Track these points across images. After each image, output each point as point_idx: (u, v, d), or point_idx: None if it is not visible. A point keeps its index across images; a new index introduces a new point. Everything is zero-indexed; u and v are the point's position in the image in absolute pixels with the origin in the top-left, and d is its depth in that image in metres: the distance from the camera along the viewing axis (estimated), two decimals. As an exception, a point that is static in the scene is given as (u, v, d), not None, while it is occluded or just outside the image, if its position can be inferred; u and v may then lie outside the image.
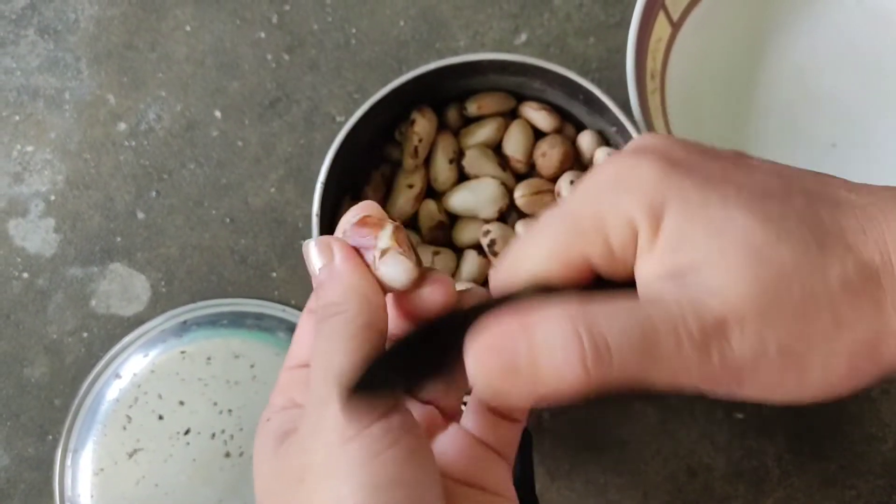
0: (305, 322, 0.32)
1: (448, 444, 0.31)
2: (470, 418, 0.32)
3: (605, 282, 0.27)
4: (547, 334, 0.24)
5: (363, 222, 0.30)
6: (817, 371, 0.25)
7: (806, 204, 0.26)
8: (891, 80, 0.56)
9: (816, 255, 0.25)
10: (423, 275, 0.30)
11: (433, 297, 0.29)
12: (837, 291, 0.25)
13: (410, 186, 0.54)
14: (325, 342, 0.28)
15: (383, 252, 0.29)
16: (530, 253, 0.27)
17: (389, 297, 0.31)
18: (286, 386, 0.31)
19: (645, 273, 0.26)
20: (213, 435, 0.53)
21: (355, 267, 0.29)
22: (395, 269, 0.29)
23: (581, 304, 0.24)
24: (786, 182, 0.27)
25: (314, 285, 0.29)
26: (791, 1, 0.57)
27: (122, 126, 0.62)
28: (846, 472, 0.55)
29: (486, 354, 0.24)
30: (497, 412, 0.31)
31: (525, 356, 0.24)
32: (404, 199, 0.53)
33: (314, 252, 0.29)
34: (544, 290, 0.26)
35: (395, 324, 0.31)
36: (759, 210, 0.25)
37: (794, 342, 0.25)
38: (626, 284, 0.27)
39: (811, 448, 0.55)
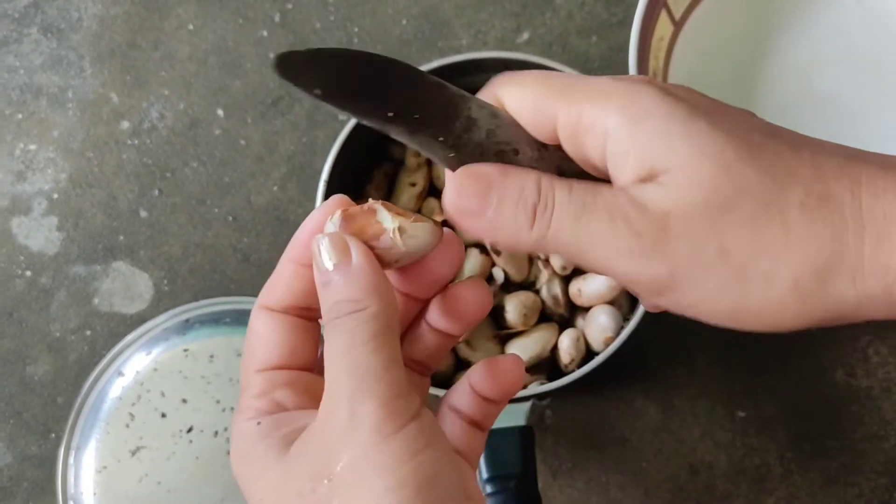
0: (262, 320, 0.30)
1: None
2: (444, 424, 0.31)
3: (552, 148, 0.29)
4: (515, 182, 0.27)
5: (348, 216, 0.29)
6: (759, 282, 0.25)
7: (791, 145, 0.27)
8: (891, 80, 0.56)
9: (783, 178, 0.25)
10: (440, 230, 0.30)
11: (447, 258, 0.30)
12: (793, 211, 0.25)
13: (413, 185, 0.54)
14: (345, 339, 0.27)
15: (400, 229, 0.28)
16: (517, 87, 0.29)
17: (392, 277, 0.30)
18: (265, 388, 0.30)
19: (618, 172, 0.27)
20: (216, 433, 0.53)
21: (375, 265, 0.28)
22: (423, 234, 0.29)
23: (544, 176, 0.27)
24: (782, 131, 0.28)
25: (319, 282, 0.28)
26: (792, 1, 0.57)
27: (125, 124, 0.62)
28: (848, 470, 0.55)
29: (463, 190, 0.28)
30: (472, 421, 0.31)
31: (483, 203, 0.28)
32: (407, 197, 0.53)
33: (326, 248, 0.28)
34: (507, 119, 0.29)
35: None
36: (742, 136, 0.26)
37: (738, 247, 0.25)
38: None
39: (813, 446, 0.55)
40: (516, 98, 0.28)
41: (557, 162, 0.29)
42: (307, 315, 0.31)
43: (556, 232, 0.27)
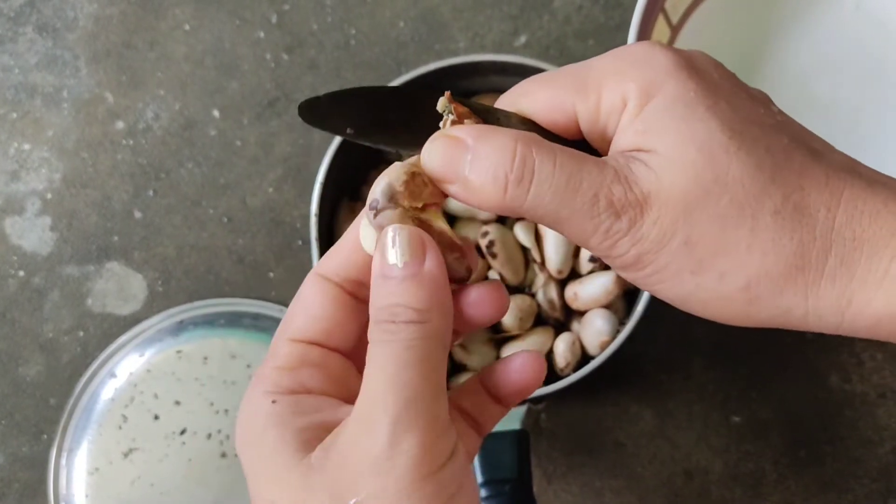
0: (313, 287, 0.28)
1: None
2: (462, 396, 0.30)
3: (582, 144, 0.28)
4: (490, 147, 0.26)
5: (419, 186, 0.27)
6: (713, 277, 0.26)
7: (787, 145, 0.27)
8: (890, 85, 0.56)
9: (765, 179, 0.26)
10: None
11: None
12: (765, 217, 0.25)
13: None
14: (398, 352, 0.25)
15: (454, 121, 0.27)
16: (532, 90, 0.28)
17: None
18: (292, 362, 0.28)
19: (613, 148, 0.27)
20: (209, 435, 0.52)
21: (445, 277, 0.26)
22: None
23: (535, 136, 0.27)
24: (785, 126, 0.27)
25: (380, 272, 0.26)
26: (790, 6, 0.57)
27: (120, 125, 0.62)
28: (842, 475, 0.55)
29: (442, 149, 0.27)
30: (474, 422, 0.30)
31: (464, 162, 0.27)
32: (403, 199, 0.53)
33: (401, 242, 0.26)
34: (527, 123, 0.28)
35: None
36: (737, 128, 0.26)
37: (703, 242, 0.26)
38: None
39: (808, 452, 0.55)
40: (534, 102, 0.28)
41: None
42: (361, 294, 0.28)
43: (533, 203, 0.26)
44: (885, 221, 0.25)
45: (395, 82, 0.51)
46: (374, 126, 0.28)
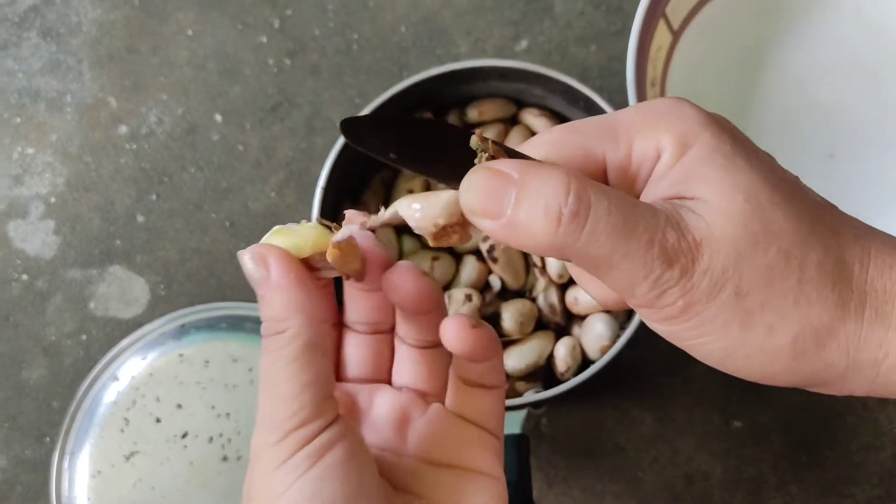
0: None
1: (428, 427, 0.31)
2: (449, 395, 0.32)
3: None
4: (541, 181, 0.25)
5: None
6: (762, 331, 0.25)
7: (815, 204, 0.27)
8: (889, 91, 0.57)
9: (807, 232, 0.26)
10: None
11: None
12: (810, 269, 0.25)
13: (411, 191, 0.54)
14: (266, 363, 0.27)
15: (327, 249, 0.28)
16: (559, 139, 0.28)
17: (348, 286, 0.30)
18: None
19: (651, 195, 0.27)
20: (211, 438, 0.52)
21: (296, 280, 0.27)
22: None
23: (581, 175, 0.25)
24: (800, 186, 0.28)
25: (257, 296, 0.28)
26: (790, 11, 0.57)
27: (123, 129, 0.62)
28: (843, 480, 0.55)
29: (481, 184, 0.25)
30: (471, 381, 0.31)
31: (511, 200, 0.25)
32: (404, 204, 0.53)
33: (249, 263, 0.28)
34: None
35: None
36: (774, 182, 0.26)
37: (752, 294, 0.25)
38: None
39: (808, 457, 0.55)
40: (563, 149, 0.27)
41: None
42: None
43: (587, 241, 0.25)
44: None
45: (398, 86, 0.51)
46: (413, 153, 0.28)
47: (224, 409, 0.53)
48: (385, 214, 0.29)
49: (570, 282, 0.53)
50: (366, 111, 0.51)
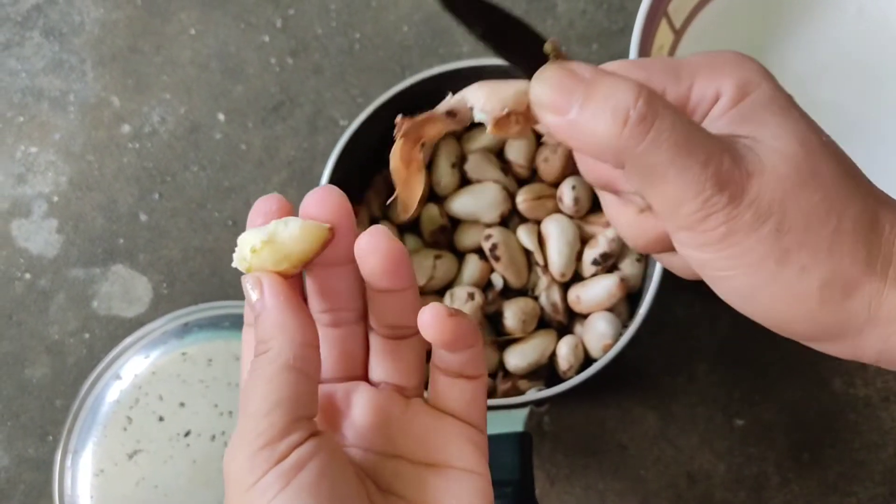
0: (246, 339, 0.31)
1: (409, 425, 0.30)
2: (431, 389, 0.31)
3: None
4: (611, 85, 0.26)
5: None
6: (794, 271, 0.26)
7: (856, 166, 0.28)
8: (891, 90, 0.56)
9: (852, 186, 0.27)
10: None
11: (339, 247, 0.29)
12: (847, 222, 0.26)
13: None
14: (249, 381, 0.27)
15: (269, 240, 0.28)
16: (625, 69, 0.28)
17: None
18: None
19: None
20: (214, 437, 0.53)
21: (283, 303, 0.28)
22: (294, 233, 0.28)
23: (652, 89, 0.26)
24: (844, 152, 0.29)
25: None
26: (792, 10, 0.57)
27: (126, 128, 0.62)
28: (846, 479, 0.55)
29: (554, 79, 0.26)
30: (451, 372, 0.30)
31: (580, 98, 0.26)
32: (406, 202, 0.53)
33: (247, 287, 0.29)
34: None
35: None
36: (825, 137, 0.27)
37: (791, 233, 0.26)
38: None
39: (811, 455, 0.55)
40: (629, 80, 0.27)
41: None
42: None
43: (649, 147, 0.25)
44: None
45: (400, 85, 0.52)
46: (497, 35, 0.29)
47: (227, 407, 0.53)
48: (451, 100, 0.28)
49: (573, 280, 0.53)
50: (368, 110, 0.51)
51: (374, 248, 0.28)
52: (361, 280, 0.30)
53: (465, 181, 0.54)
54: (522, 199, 0.53)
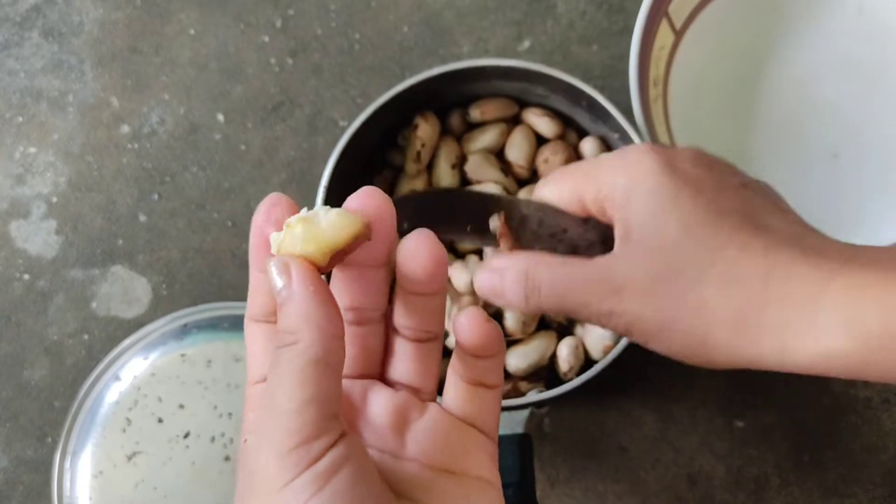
0: (250, 333, 0.30)
1: (427, 430, 0.30)
2: (447, 394, 0.31)
3: (592, 220, 0.38)
4: (510, 275, 0.37)
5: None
6: (679, 336, 0.35)
7: (735, 224, 0.34)
8: (891, 90, 0.56)
9: (708, 260, 0.34)
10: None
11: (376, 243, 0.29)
12: (709, 286, 0.33)
13: (413, 191, 0.54)
14: (275, 374, 0.26)
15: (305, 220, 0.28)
16: (558, 180, 0.39)
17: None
18: (253, 403, 0.30)
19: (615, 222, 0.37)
20: (213, 438, 0.52)
21: (313, 292, 0.27)
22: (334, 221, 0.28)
23: (537, 259, 0.37)
24: (745, 205, 0.35)
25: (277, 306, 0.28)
26: (793, 11, 0.57)
27: (125, 129, 0.62)
28: (846, 481, 0.55)
29: (485, 280, 0.38)
30: (472, 379, 0.31)
31: (500, 287, 0.38)
32: (406, 203, 0.53)
33: (272, 272, 0.28)
34: (542, 206, 0.39)
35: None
36: (692, 217, 0.34)
37: (664, 311, 0.35)
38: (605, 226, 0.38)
39: (811, 457, 0.55)
40: (556, 191, 0.38)
41: (603, 229, 0.37)
42: None
43: (546, 304, 0.36)
44: (813, 282, 0.32)
45: (400, 86, 0.51)
46: (440, 224, 0.38)
47: (226, 408, 0.53)
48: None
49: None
50: (368, 111, 0.51)
51: (419, 250, 0.29)
52: (391, 282, 0.30)
53: (465, 182, 0.54)
54: (522, 201, 0.53)
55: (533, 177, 0.55)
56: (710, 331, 0.33)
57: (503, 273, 0.37)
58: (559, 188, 0.38)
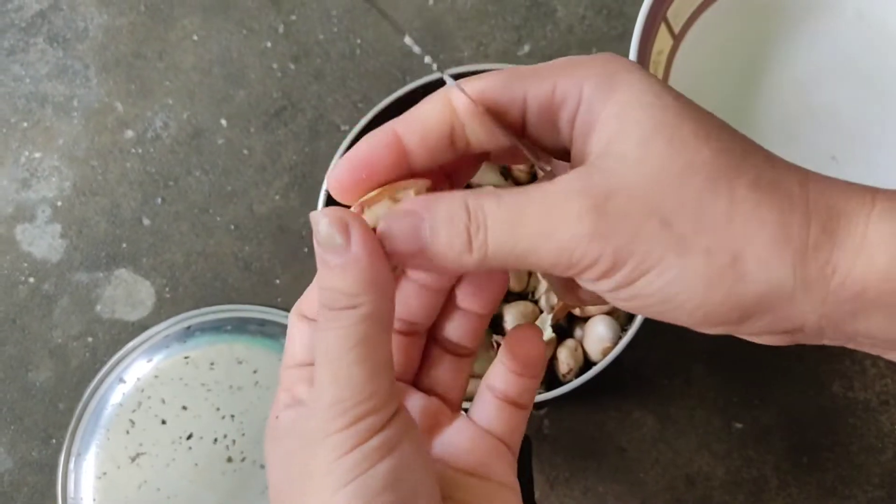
0: (295, 326, 0.30)
1: (455, 436, 0.30)
2: (477, 407, 0.31)
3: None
4: (440, 212, 0.26)
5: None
6: (700, 255, 0.25)
7: (747, 140, 0.26)
8: (890, 94, 0.57)
9: (738, 159, 0.25)
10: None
11: None
12: (741, 190, 0.25)
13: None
14: (332, 340, 0.25)
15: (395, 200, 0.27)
16: (485, 76, 0.28)
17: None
18: (288, 384, 0.29)
19: (578, 147, 0.27)
20: (216, 440, 0.53)
21: (378, 256, 0.25)
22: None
23: (476, 190, 0.26)
24: (734, 130, 0.27)
25: (318, 257, 0.26)
26: (792, 14, 0.57)
27: (130, 133, 0.62)
28: (844, 482, 0.55)
29: (398, 226, 0.26)
30: (507, 398, 0.31)
31: (423, 232, 0.26)
32: (407, 207, 0.54)
33: (326, 227, 0.25)
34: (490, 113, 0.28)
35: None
36: (702, 120, 0.26)
37: (680, 220, 0.25)
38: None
39: (810, 458, 0.56)
40: (481, 85, 0.27)
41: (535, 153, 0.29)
42: None
43: (496, 247, 0.25)
44: (854, 194, 0.25)
45: (401, 91, 0.52)
46: None
47: (229, 410, 0.53)
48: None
49: (572, 284, 0.53)
50: (369, 115, 0.51)
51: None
52: (442, 302, 0.31)
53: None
54: (522, 204, 0.53)
55: (532, 180, 0.55)
56: (742, 247, 0.24)
57: (429, 211, 0.26)
58: (488, 82, 0.27)
